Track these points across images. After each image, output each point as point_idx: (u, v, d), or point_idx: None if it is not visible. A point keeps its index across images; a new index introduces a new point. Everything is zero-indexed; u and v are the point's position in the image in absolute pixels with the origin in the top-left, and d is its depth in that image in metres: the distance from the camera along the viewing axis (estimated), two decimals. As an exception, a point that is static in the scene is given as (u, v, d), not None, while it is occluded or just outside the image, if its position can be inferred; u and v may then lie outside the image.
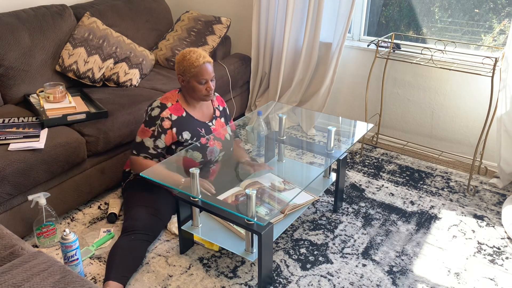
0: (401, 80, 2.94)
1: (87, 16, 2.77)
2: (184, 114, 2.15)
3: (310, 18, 2.95)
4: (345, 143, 2.33)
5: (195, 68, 2.06)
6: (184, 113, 2.15)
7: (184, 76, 2.10)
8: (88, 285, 1.24)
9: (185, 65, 2.07)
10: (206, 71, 2.07)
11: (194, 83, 2.09)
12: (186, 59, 2.07)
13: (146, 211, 2.04)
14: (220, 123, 2.30)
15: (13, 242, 1.45)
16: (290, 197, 2.01)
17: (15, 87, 2.48)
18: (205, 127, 2.22)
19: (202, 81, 2.08)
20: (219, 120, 2.30)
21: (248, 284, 1.91)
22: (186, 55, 2.08)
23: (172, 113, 2.11)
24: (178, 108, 2.14)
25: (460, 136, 2.85)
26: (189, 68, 2.06)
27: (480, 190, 2.58)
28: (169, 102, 2.13)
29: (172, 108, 2.12)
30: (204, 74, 2.07)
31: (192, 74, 2.07)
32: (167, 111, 2.10)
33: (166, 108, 2.11)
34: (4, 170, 1.91)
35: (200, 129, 2.19)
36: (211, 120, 2.26)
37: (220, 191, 2.07)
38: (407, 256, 2.07)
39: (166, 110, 2.10)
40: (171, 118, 2.10)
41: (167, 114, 2.10)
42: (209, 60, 2.10)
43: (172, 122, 2.10)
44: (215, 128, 2.26)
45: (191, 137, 2.15)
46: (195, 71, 2.06)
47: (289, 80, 3.25)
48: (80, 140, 2.21)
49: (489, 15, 2.63)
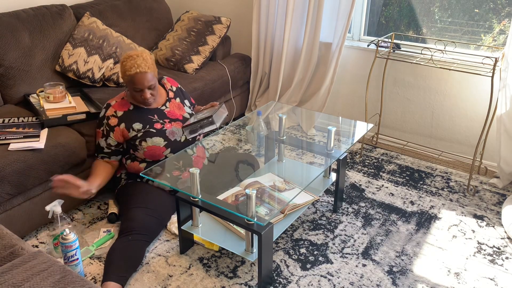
0: (401, 80, 2.94)
1: (87, 16, 2.77)
2: (131, 107, 2.18)
3: (310, 18, 2.95)
4: (345, 143, 2.33)
5: (128, 77, 2.06)
6: (130, 106, 2.18)
7: (123, 79, 2.12)
8: (88, 285, 1.24)
9: (122, 70, 2.09)
10: (139, 81, 2.05)
11: (130, 88, 2.11)
12: (122, 64, 2.08)
13: (142, 211, 2.04)
14: (175, 104, 2.29)
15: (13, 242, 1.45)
16: (290, 197, 2.01)
17: (15, 87, 2.47)
18: (157, 112, 2.22)
19: (136, 89, 2.09)
20: (173, 101, 2.29)
21: (248, 284, 1.91)
22: (123, 60, 2.08)
23: (117, 110, 2.16)
24: (124, 103, 2.18)
25: (460, 136, 2.85)
26: (123, 74, 2.08)
27: (480, 190, 2.58)
28: (113, 101, 2.19)
29: (116, 105, 2.17)
30: (137, 84, 2.06)
31: (127, 80, 2.09)
32: (111, 109, 2.16)
33: (110, 107, 2.17)
34: (4, 170, 1.91)
35: (152, 117, 2.19)
36: (164, 104, 2.26)
37: (220, 191, 2.07)
38: (407, 256, 2.07)
39: (110, 109, 2.16)
40: (116, 115, 2.15)
41: (111, 112, 2.15)
42: (144, 70, 2.04)
43: (118, 119, 2.15)
44: (170, 110, 2.26)
45: (143, 127, 2.16)
46: (128, 79, 2.07)
47: (289, 80, 3.25)
48: (80, 140, 2.21)
49: (489, 15, 2.63)
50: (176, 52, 3.08)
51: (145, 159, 2.19)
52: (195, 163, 2.23)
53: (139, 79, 2.05)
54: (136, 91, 2.10)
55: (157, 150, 2.16)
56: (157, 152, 2.16)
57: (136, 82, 2.06)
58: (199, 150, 2.29)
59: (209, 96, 3.00)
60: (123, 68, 2.07)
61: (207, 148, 2.52)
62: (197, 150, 2.27)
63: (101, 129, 2.17)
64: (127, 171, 2.27)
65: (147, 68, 2.05)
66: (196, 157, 2.25)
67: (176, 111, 2.28)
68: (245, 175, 2.29)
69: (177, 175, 2.10)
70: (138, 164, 2.20)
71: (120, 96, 2.21)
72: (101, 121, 2.18)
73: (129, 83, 2.08)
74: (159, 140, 2.16)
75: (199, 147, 2.30)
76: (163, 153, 2.18)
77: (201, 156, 2.29)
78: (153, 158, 2.18)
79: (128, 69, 2.05)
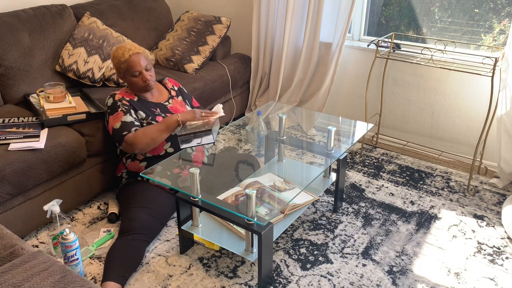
0: (401, 80, 2.94)
1: (87, 16, 2.77)
2: (135, 98, 2.20)
3: (310, 18, 2.95)
4: (345, 143, 2.33)
5: (124, 64, 2.09)
6: (135, 98, 2.20)
7: (120, 74, 2.14)
8: (88, 285, 1.24)
9: (115, 62, 2.11)
10: (135, 63, 2.09)
11: (129, 77, 2.13)
12: (114, 57, 2.11)
13: (142, 211, 2.04)
14: (177, 101, 2.32)
15: (13, 242, 1.45)
16: (290, 197, 2.01)
17: (15, 87, 2.48)
18: (160, 107, 2.24)
19: (135, 73, 2.11)
20: (176, 99, 2.32)
21: (248, 284, 1.91)
22: (114, 52, 2.12)
23: (124, 96, 2.17)
24: (128, 94, 2.20)
25: (460, 136, 2.85)
26: (119, 65, 2.10)
27: (480, 190, 2.58)
28: (117, 91, 2.21)
29: (122, 93, 2.19)
30: (134, 67, 2.09)
31: (123, 70, 2.11)
32: (118, 95, 2.17)
33: (116, 94, 2.18)
34: (4, 170, 1.91)
35: (154, 109, 2.21)
36: (167, 100, 2.29)
37: (220, 191, 2.07)
38: (407, 256, 2.07)
39: (116, 95, 2.17)
40: (125, 99, 2.16)
41: (119, 97, 2.16)
42: (136, 51, 2.11)
43: (128, 102, 2.16)
44: (173, 106, 2.28)
45: (146, 117, 2.17)
46: (125, 66, 2.10)
47: (289, 80, 3.25)
48: (80, 140, 2.21)
49: (489, 15, 2.63)
50: (176, 52, 3.09)
51: (145, 157, 2.19)
52: (195, 161, 2.23)
53: (134, 61, 2.08)
54: (136, 76, 2.11)
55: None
56: (157, 146, 2.16)
57: (133, 65, 2.08)
58: (198, 148, 2.29)
59: (209, 96, 3.00)
60: (116, 59, 2.10)
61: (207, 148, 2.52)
62: (196, 148, 2.27)
63: (120, 110, 2.12)
64: (128, 170, 2.28)
65: (138, 49, 2.12)
66: (196, 155, 2.25)
67: (179, 107, 2.29)
68: (245, 175, 2.29)
69: (177, 172, 2.11)
70: (139, 163, 2.20)
71: (123, 90, 2.23)
72: (114, 106, 2.14)
73: (126, 70, 2.10)
74: None
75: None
76: (163, 147, 2.18)
77: (200, 154, 2.29)
78: (153, 152, 2.18)
79: (122, 55, 2.08)
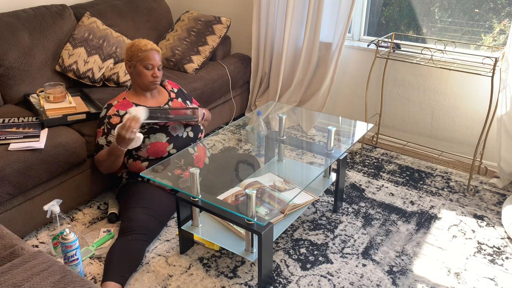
0: (401, 80, 2.94)
1: (87, 16, 2.77)
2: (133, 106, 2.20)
3: (310, 18, 2.95)
4: (345, 143, 2.33)
5: (143, 53, 2.14)
6: (133, 105, 2.21)
7: (131, 62, 2.17)
8: (88, 285, 1.24)
9: (133, 50, 2.16)
10: (153, 57, 2.16)
11: (140, 68, 2.16)
12: (134, 45, 2.17)
13: (141, 211, 2.04)
14: (177, 103, 2.34)
15: (13, 242, 1.45)
16: (290, 197, 2.01)
17: (15, 87, 2.47)
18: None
19: (148, 66, 2.15)
20: (175, 101, 2.34)
21: (248, 284, 1.91)
22: (135, 42, 2.19)
23: (119, 109, 2.18)
24: (125, 103, 2.21)
25: (460, 136, 2.85)
26: (136, 53, 2.15)
27: (480, 190, 2.58)
28: (115, 101, 2.21)
29: (118, 104, 2.20)
30: (151, 59, 2.15)
31: (139, 59, 2.15)
32: (113, 109, 2.18)
33: (112, 107, 2.19)
34: (4, 170, 1.91)
35: None
36: (166, 103, 2.30)
37: (220, 191, 2.07)
38: (407, 256, 2.07)
39: (111, 108, 2.18)
40: (118, 114, 2.17)
41: (113, 111, 2.18)
42: (157, 49, 2.20)
43: (121, 117, 2.17)
44: None
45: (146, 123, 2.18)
46: (142, 55, 2.14)
47: (289, 80, 3.25)
48: (80, 140, 2.21)
49: (489, 15, 2.63)
50: (176, 52, 3.09)
51: (148, 158, 2.19)
52: (196, 161, 2.23)
53: (153, 55, 2.16)
54: (148, 69, 2.16)
55: (160, 146, 2.16)
56: (160, 148, 2.16)
57: (151, 57, 2.15)
58: (200, 148, 2.29)
59: (209, 96, 3.00)
60: (136, 47, 2.15)
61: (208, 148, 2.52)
62: (198, 149, 2.27)
63: (102, 128, 2.18)
64: (128, 170, 2.28)
65: (159, 49, 2.21)
66: (197, 156, 2.25)
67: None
68: (245, 175, 2.29)
69: (178, 173, 2.11)
70: (140, 163, 2.20)
71: (121, 96, 2.22)
72: (101, 120, 2.19)
73: (142, 60, 2.14)
74: (161, 136, 2.16)
75: (199, 146, 2.30)
76: (166, 148, 2.18)
77: (202, 154, 2.30)
78: (156, 155, 2.18)
79: (144, 46, 2.15)
